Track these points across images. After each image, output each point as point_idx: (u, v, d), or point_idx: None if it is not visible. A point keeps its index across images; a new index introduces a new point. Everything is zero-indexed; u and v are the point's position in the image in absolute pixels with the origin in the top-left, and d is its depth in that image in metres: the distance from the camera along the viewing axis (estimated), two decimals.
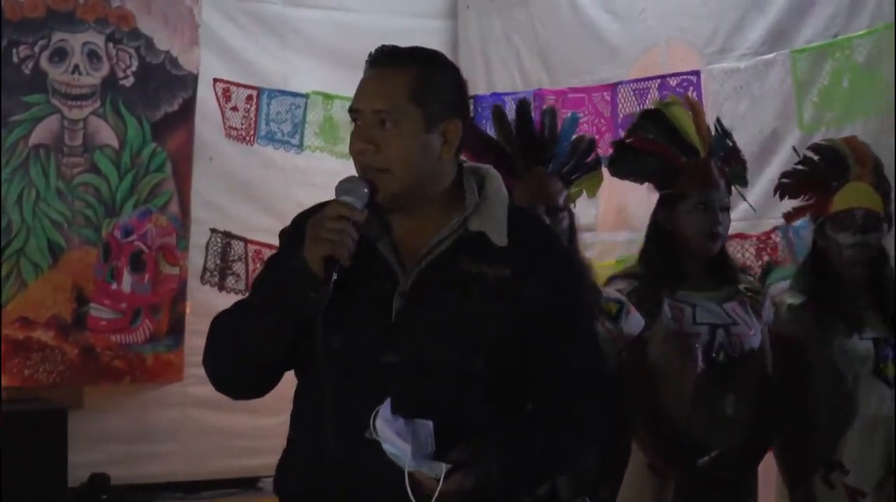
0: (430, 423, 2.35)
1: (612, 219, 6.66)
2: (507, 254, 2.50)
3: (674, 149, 4.05)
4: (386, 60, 2.53)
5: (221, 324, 2.60)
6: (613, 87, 5.86)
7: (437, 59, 2.60)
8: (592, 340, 2.65)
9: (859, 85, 4.97)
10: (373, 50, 2.55)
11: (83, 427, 6.74)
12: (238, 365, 2.58)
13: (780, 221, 4.55)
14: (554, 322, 2.51)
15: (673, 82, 5.61)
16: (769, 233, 4.91)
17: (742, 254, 5.15)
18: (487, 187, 2.59)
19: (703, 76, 5.49)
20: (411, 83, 2.48)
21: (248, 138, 6.94)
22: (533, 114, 4.02)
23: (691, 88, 5.49)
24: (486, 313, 2.46)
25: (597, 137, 5.70)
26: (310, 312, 2.44)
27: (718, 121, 4.23)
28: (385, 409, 2.35)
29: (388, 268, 2.50)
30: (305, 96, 6.77)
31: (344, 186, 2.48)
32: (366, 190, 2.47)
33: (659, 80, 5.66)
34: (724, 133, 4.18)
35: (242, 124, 6.95)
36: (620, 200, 6.51)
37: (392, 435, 2.32)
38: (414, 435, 2.33)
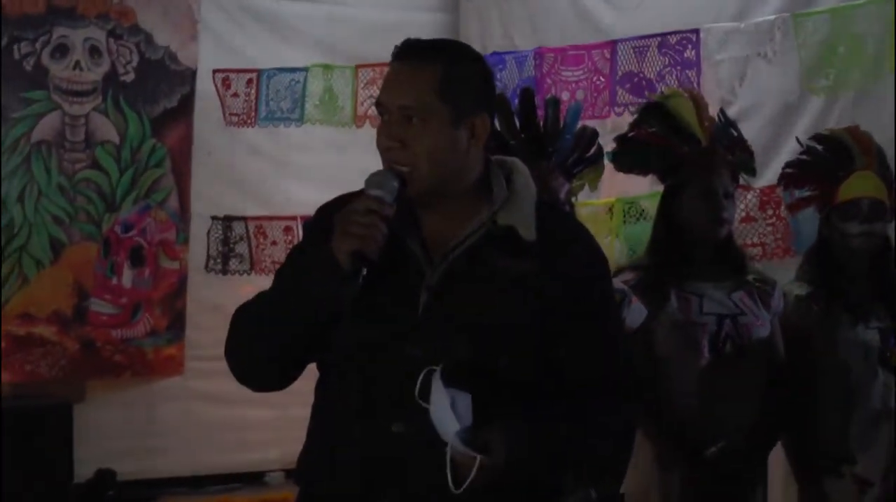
0: (469, 396, 2.34)
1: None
2: (535, 249, 2.48)
3: (676, 139, 4.06)
4: (412, 55, 2.50)
5: (244, 316, 2.59)
6: (613, 45, 5.83)
7: (464, 52, 2.58)
8: (617, 344, 2.61)
9: (854, 54, 4.97)
10: (398, 43, 2.52)
11: (86, 422, 6.74)
12: (261, 357, 2.57)
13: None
14: (580, 322, 2.50)
15: (672, 40, 5.58)
16: (774, 186, 4.88)
17: (745, 205, 5.13)
18: (515, 180, 2.57)
19: (702, 35, 5.47)
20: (438, 79, 2.45)
21: (248, 121, 6.91)
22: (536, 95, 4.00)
23: (690, 46, 5.48)
24: (512, 308, 2.45)
25: (594, 96, 5.75)
26: (336, 306, 2.43)
27: (722, 111, 4.23)
28: (437, 377, 2.33)
29: (415, 261, 2.49)
30: (305, 69, 6.71)
31: (374, 180, 2.46)
32: (395, 183, 2.45)
33: (659, 38, 5.63)
34: (728, 123, 4.18)
35: (243, 108, 6.91)
36: (621, 191, 6.52)
37: (444, 403, 2.30)
38: (453, 405, 2.32)
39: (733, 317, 3.94)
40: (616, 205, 5.50)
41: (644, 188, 5.47)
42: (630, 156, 4.18)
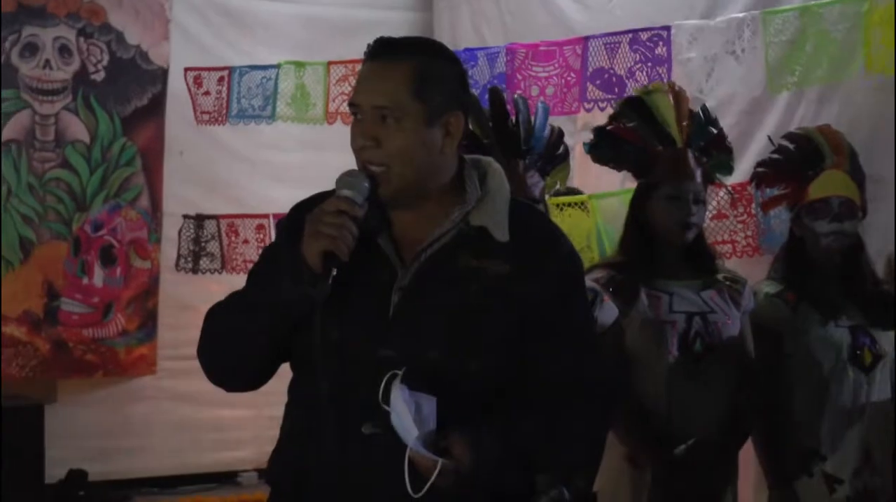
0: (434, 399, 2.33)
1: None
2: (508, 250, 2.46)
3: (651, 138, 4.05)
4: (386, 53, 2.48)
5: (216, 316, 2.57)
6: (585, 41, 5.84)
7: (438, 50, 2.56)
8: (591, 345, 2.59)
9: (821, 51, 4.99)
10: (371, 42, 2.50)
11: (57, 422, 6.72)
12: (233, 358, 2.56)
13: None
14: (552, 324, 2.48)
15: (644, 36, 5.58)
16: (745, 183, 4.90)
17: (717, 202, 5.15)
18: (489, 181, 2.55)
19: (672, 31, 5.49)
20: (412, 78, 2.43)
21: (219, 119, 6.87)
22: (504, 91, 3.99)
23: (661, 43, 5.48)
24: (485, 311, 2.43)
25: (564, 91, 5.75)
26: (307, 307, 2.41)
27: (704, 107, 4.20)
28: (397, 381, 2.34)
29: (387, 262, 2.47)
30: (277, 66, 6.71)
31: (344, 180, 2.44)
32: (367, 184, 2.43)
33: (630, 35, 5.63)
34: (708, 120, 4.16)
35: (214, 106, 6.88)
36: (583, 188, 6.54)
37: (403, 408, 2.30)
38: (417, 409, 2.32)
39: (703, 315, 3.95)
40: (591, 203, 5.50)
41: (615, 183, 5.48)
42: (605, 149, 4.17)
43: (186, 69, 7.00)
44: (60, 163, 7.01)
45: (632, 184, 4.22)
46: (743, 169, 4.98)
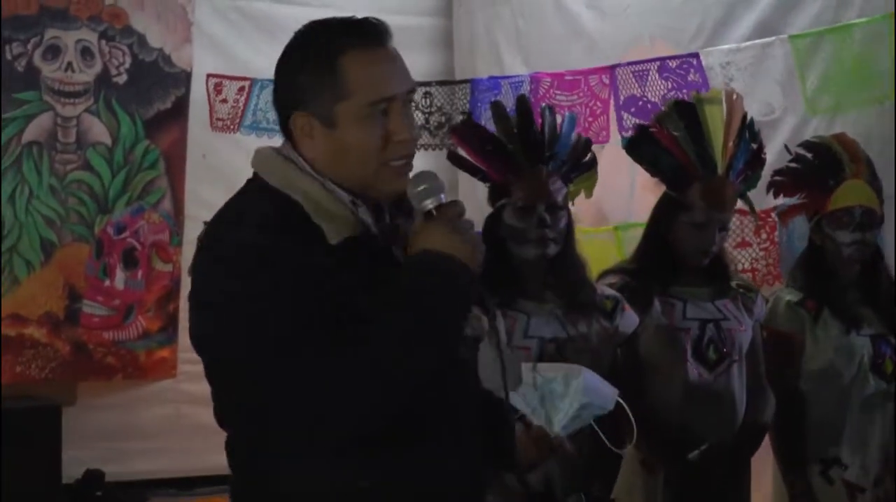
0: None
1: (593, 214, 6.67)
2: None
3: (692, 152, 3.97)
4: (387, 36, 2.34)
5: (391, 350, 2.18)
6: (611, 70, 5.81)
7: None
8: None
9: (857, 73, 4.97)
10: (367, 26, 2.33)
11: (77, 424, 6.72)
12: (405, 395, 2.22)
13: (780, 200, 4.45)
14: None
15: (672, 64, 5.54)
16: (769, 210, 4.88)
17: (741, 230, 5.13)
18: None
19: (702, 58, 5.44)
20: None
21: (232, 127, 6.89)
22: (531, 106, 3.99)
23: (692, 70, 5.44)
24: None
25: (590, 121, 5.71)
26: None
27: (751, 121, 4.09)
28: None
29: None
30: None
31: (429, 186, 2.30)
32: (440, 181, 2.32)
33: (658, 63, 5.59)
34: (752, 136, 4.07)
35: (229, 114, 6.90)
36: (599, 194, 6.52)
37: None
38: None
39: (716, 323, 3.95)
40: (617, 233, 5.50)
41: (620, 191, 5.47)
42: (645, 150, 4.10)
43: (209, 75, 7.01)
44: (82, 166, 7.02)
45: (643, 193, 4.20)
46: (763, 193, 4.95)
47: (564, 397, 2.45)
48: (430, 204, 2.28)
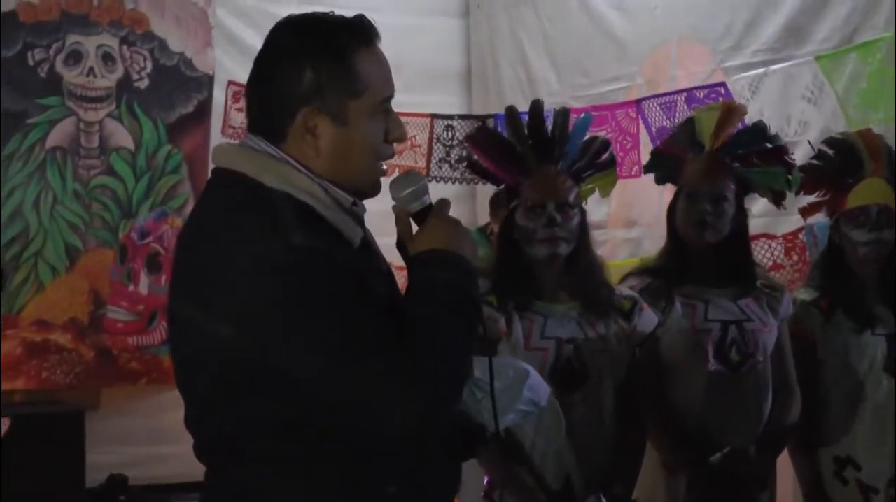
0: None
1: (624, 217, 6.65)
2: None
3: (685, 144, 4.04)
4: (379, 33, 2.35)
5: (454, 352, 2.21)
6: (637, 104, 5.78)
7: None
8: None
9: (889, 86, 4.93)
10: (368, 24, 2.33)
11: (100, 428, 6.75)
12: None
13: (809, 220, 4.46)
14: None
15: (700, 94, 5.53)
16: (797, 232, 4.85)
17: (771, 253, 5.11)
18: None
19: (729, 86, 5.42)
20: None
21: (242, 136, 6.90)
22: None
23: (719, 99, 5.38)
24: None
25: (621, 156, 5.65)
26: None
27: (761, 123, 4.11)
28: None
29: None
30: None
31: (414, 189, 2.36)
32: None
33: (685, 94, 5.59)
34: (761, 135, 4.05)
35: (241, 124, 6.92)
36: (631, 197, 6.50)
37: None
38: None
39: (739, 324, 3.92)
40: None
41: (650, 194, 5.44)
42: (659, 168, 4.19)
43: (230, 82, 7.02)
44: (105, 171, 7.05)
45: None
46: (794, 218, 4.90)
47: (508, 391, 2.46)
48: (418, 205, 2.32)
